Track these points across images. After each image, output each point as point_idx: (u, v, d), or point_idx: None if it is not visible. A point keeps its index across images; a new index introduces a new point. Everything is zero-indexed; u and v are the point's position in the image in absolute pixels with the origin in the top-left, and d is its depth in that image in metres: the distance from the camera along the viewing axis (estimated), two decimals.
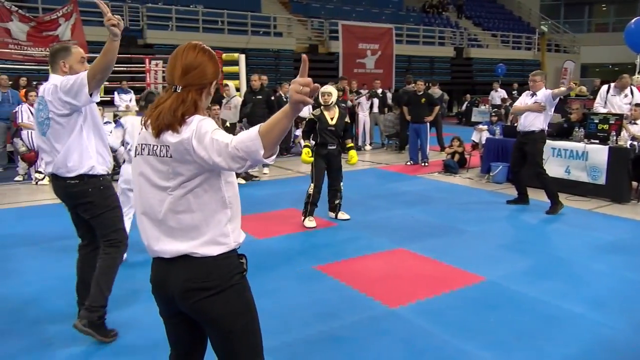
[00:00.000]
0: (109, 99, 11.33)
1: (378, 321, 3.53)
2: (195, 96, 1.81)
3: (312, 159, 5.91)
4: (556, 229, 5.77)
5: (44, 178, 8.20)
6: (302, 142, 6.16)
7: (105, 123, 8.74)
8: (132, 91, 11.71)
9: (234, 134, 1.69)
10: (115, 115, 9.55)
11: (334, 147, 6.05)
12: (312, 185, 5.97)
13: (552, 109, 6.53)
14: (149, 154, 1.81)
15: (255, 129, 1.63)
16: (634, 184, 7.12)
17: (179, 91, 1.81)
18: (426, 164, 9.90)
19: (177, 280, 1.81)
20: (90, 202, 3.14)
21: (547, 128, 6.56)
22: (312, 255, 4.88)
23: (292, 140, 11.50)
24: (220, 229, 1.81)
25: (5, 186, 8.00)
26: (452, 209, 6.65)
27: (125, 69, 12.51)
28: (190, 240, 1.79)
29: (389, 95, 13.25)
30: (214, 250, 1.80)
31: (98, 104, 3.28)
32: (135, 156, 1.88)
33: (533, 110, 6.40)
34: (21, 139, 8.25)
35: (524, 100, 6.67)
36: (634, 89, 8.42)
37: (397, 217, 6.32)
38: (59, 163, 3.09)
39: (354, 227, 5.83)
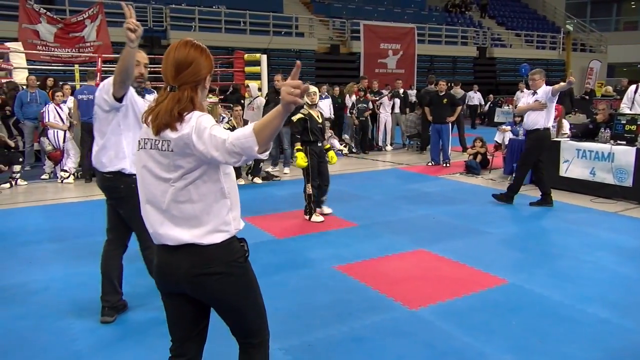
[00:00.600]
0: None
1: (399, 322, 3.51)
2: (191, 93, 1.90)
3: (307, 163, 6.01)
4: (581, 232, 5.66)
5: (69, 176, 8.37)
6: (295, 146, 6.20)
7: None
8: (155, 91, 11.84)
9: None
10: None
11: (321, 144, 6.27)
12: (309, 185, 6.09)
13: (553, 105, 6.65)
14: (151, 148, 1.91)
15: (250, 127, 1.75)
16: None
17: (175, 91, 1.90)
18: (448, 165, 9.82)
19: (182, 266, 1.92)
20: (121, 198, 3.33)
21: (551, 125, 6.76)
22: (333, 255, 4.88)
23: None
24: (222, 218, 1.93)
25: (32, 184, 8.18)
26: (474, 210, 6.59)
27: (149, 69, 12.69)
28: (192, 228, 1.90)
29: (413, 94, 13.19)
30: (217, 238, 1.92)
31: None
32: (138, 150, 1.98)
33: (534, 109, 6.48)
34: (47, 138, 8.42)
35: (526, 99, 6.79)
36: None
37: (418, 218, 6.28)
38: (96, 157, 3.34)
39: (375, 228, 5.81)
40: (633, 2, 29.92)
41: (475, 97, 17.56)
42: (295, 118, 6.02)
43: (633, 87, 8.52)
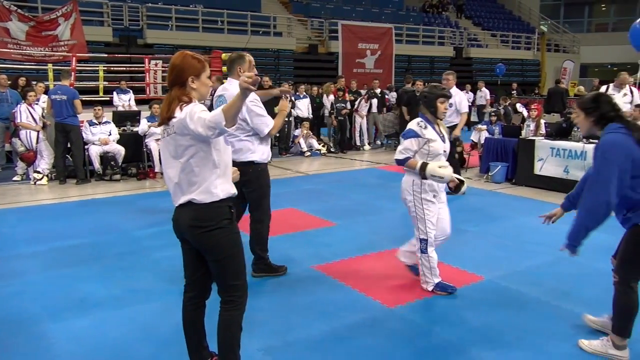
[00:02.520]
0: (108, 99, 11.33)
1: (378, 321, 3.53)
2: (178, 92, 2.48)
3: None
4: (556, 228, 5.74)
5: (42, 178, 8.21)
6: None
7: (105, 123, 8.75)
8: (131, 91, 11.70)
9: None
10: (114, 114, 9.53)
11: None
12: None
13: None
14: (167, 136, 2.52)
15: (220, 108, 2.31)
16: None
17: (168, 91, 2.52)
18: None
19: (184, 219, 2.54)
20: (248, 181, 3.96)
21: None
22: (312, 255, 4.88)
23: (291, 140, 11.51)
24: (211, 182, 2.49)
25: (4, 186, 8.00)
26: (451, 208, 6.62)
27: (124, 68, 12.52)
28: (192, 191, 2.50)
29: (393, 96, 13.24)
30: (207, 199, 2.49)
31: (96, 103, 3.32)
32: (161, 139, 2.60)
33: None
34: (20, 138, 8.25)
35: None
36: (634, 88, 8.42)
37: (396, 217, 6.32)
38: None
39: (354, 227, 5.83)
40: (604, 4, 30.59)
41: (476, 96, 16.47)
42: None
43: (604, 87, 8.72)
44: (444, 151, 3.92)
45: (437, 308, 3.74)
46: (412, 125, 3.92)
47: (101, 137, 8.57)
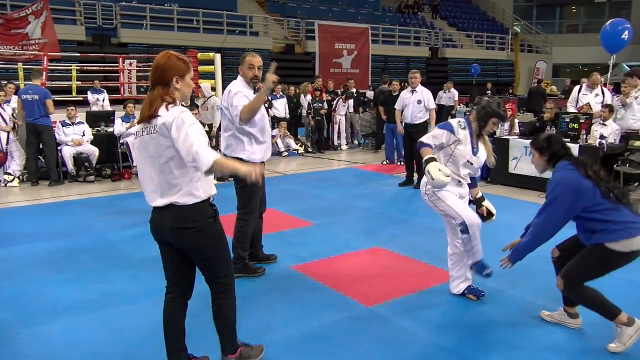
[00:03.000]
0: (81, 98, 11.12)
1: (356, 320, 3.54)
2: (161, 91, 2.49)
3: None
4: None
5: (13, 180, 8.02)
6: None
7: (78, 123, 8.59)
8: (105, 91, 11.51)
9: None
10: (87, 115, 9.36)
11: None
12: None
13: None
14: (146, 134, 2.50)
15: (214, 157, 2.36)
16: None
17: (151, 90, 2.53)
18: (402, 163, 9.97)
19: (166, 221, 2.53)
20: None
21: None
22: (290, 255, 4.87)
23: None
24: (193, 184, 2.50)
25: None
26: (429, 207, 6.70)
27: (98, 68, 12.31)
28: (173, 194, 2.50)
29: (370, 94, 13.29)
30: (190, 200, 2.51)
31: (69, 103, 3.30)
32: (136, 138, 2.57)
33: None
34: None
35: (406, 96, 7.99)
36: (605, 88, 8.61)
37: (374, 216, 6.35)
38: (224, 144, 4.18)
39: (332, 227, 5.84)
40: (574, 6, 31.26)
41: (444, 97, 16.15)
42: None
43: (577, 87, 8.91)
44: (470, 163, 3.72)
45: (415, 306, 3.76)
46: (453, 120, 3.79)
47: (74, 137, 8.41)
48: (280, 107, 11.57)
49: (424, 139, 3.69)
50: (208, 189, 2.58)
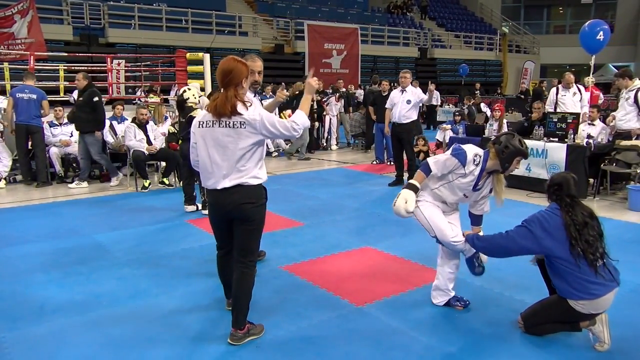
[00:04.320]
0: (67, 98, 11.01)
1: (346, 320, 3.54)
2: (234, 91, 2.97)
3: None
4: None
5: (0, 180, 7.93)
6: None
7: (66, 123, 8.51)
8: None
9: None
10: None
11: None
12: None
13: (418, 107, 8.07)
14: (219, 126, 2.98)
15: (300, 112, 3.15)
16: (590, 180, 7.37)
17: (224, 90, 2.98)
18: (392, 163, 10.00)
19: (234, 199, 3.04)
20: None
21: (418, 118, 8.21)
22: (280, 255, 4.86)
23: None
24: (257, 170, 3.09)
25: None
26: None
27: (86, 68, 12.20)
28: (242, 177, 3.03)
29: (359, 93, 13.32)
30: (255, 182, 3.07)
31: (57, 103, 3.30)
32: (199, 127, 3.07)
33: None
34: None
35: (397, 95, 8.00)
36: (581, 87, 8.70)
37: (364, 216, 6.36)
38: None
39: (321, 227, 5.84)
40: (561, 7, 31.56)
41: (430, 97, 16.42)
42: (195, 114, 6.03)
43: (554, 89, 8.98)
44: (465, 196, 3.53)
45: (404, 306, 3.77)
46: (470, 151, 3.39)
47: (62, 138, 8.33)
48: None
49: (432, 162, 3.42)
50: (265, 175, 3.17)
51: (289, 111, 10.86)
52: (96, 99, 7.79)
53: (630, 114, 7.33)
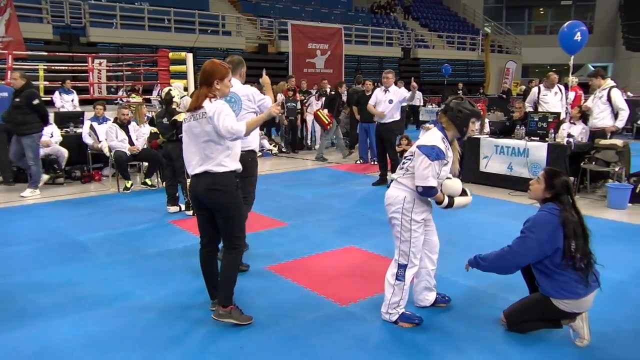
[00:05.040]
0: (48, 99, 10.86)
1: (331, 319, 3.55)
2: (205, 90, 3.28)
3: None
4: (501, 223, 5.97)
5: None
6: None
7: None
8: (74, 91, 11.26)
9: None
10: (56, 115, 9.14)
11: None
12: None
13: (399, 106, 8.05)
14: (193, 120, 3.29)
15: (243, 124, 3.22)
16: (571, 178, 7.47)
17: (199, 89, 3.33)
18: (376, 163, 10.04)
19: (201, 185, 3.28)
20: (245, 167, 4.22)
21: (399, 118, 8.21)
22: (265, 255, 4.85)
23: None
24: (224, 159, 3.27)
25: None
26: None
27: (67, 68, 12.05)
28: (209, 164, 3.27)
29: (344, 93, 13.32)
30: (220, 169, 3.27)
31: None
32: (184, 124, 3.37)
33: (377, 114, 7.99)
34: None
35: (380, 95, 8.03)
36: (562, 87, 8.84)
37: (348, 215, 6.37)
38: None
39: (306, 227, 5.84)
40: (542, 8, 31.97)
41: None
42: (180, 117, 6.01)
43: (535, 89, 9.11)
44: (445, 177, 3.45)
45: None
46: (437, 141, 3.30)
47: (43, 139, 8.20)
48: None
49: (431, 181, 3.24)
50: (234, 164, 3.34)
51: (326, 110, 11.23)
52: (36, 101, 7.37)
53: (604, 112, 7.61)
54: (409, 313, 3.48)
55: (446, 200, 3.41)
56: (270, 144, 11.64)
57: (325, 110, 11.10)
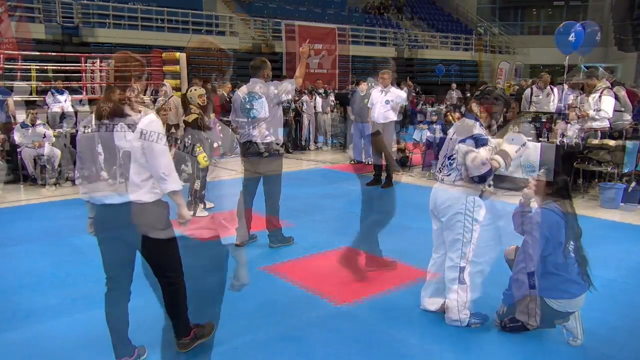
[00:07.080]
0: (41, 99, 10.78)
1: (327, 320, 3.55)
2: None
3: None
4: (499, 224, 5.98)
5: None
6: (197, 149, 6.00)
7: (38, 124, 8.32)
8: (67, 91, 11.18)
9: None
10: (49, 116, 9.09)
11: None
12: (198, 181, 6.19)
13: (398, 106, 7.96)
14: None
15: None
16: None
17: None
18: (370, 163, 10.04)
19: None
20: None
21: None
22: (259, 256, 4.85)
23: (235, 142, 11.37)
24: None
25: None
26: (397, 206, 6.77)
27: (59, 68, 11.97)
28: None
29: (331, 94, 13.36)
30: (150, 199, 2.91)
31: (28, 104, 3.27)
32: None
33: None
34: None
35: (377, 95, 7.93)
36: (554, 87, 8.88)
37: (342, 215, 6.38)
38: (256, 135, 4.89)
39: (300, 227, 5.83)
40: (534, 9, 32.12)
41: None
42: (190, 118, 5.95)
43: (528, 90, 9.15)
44: None
45: (384, 304, 3.79)
46: (475, 129, 3.30)
47: (35, 139, 8.15)
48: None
49: (483, 167, 3.21)
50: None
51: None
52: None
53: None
54: (474, 312, 3.48)
55: (501, 161, 3.28)
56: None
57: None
